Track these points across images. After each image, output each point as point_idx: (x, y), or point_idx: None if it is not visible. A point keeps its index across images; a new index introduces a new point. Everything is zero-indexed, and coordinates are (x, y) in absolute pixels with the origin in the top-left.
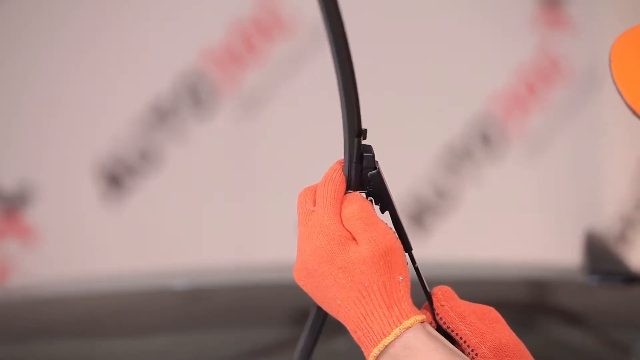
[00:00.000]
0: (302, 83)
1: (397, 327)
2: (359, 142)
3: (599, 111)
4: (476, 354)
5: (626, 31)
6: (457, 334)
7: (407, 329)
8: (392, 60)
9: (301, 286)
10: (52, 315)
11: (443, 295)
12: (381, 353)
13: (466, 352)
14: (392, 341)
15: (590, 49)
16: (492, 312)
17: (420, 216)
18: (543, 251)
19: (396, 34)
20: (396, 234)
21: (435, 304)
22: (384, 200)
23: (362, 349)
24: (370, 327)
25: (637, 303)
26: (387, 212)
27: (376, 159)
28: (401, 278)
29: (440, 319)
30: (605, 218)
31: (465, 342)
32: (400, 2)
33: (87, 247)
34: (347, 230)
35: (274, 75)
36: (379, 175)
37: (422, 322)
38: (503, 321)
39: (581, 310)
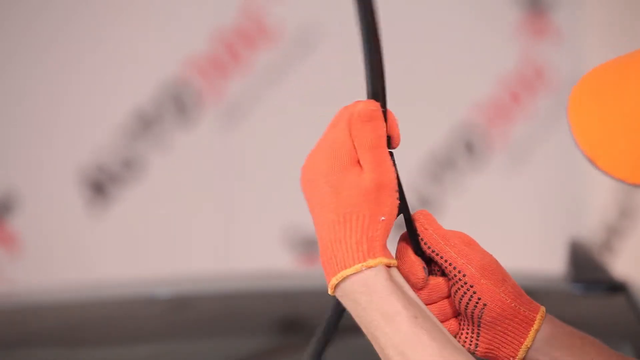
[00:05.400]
0: (285, 91)
1: (360, 263)
2: None
3: None
4: (464, 275)
5: (582, 77)
6: (441, 257)
7: (369, 267)
8: None
9: (301, 187)
10: (35, 323)
11: (425, 219)
12: (339, 283)
13: (452, 274)
14: (351, 275)
15: (575, 58)
16: (465, 235)
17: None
18: (527, 260)
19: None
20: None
21: (420, 229)
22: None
23: (325, 275)
24: (334, 255)
25: (621, 312)
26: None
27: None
28: (383, 218)
29: (425, 243)
30: (589, 227)
31: (450, 264)
32: (384, 10)
33: (71, 256)
34: (355, 152)
35: (257, 83)
36: (394, 163)
37: (389, 267)
38: (476, 242)
39: (564, 318)
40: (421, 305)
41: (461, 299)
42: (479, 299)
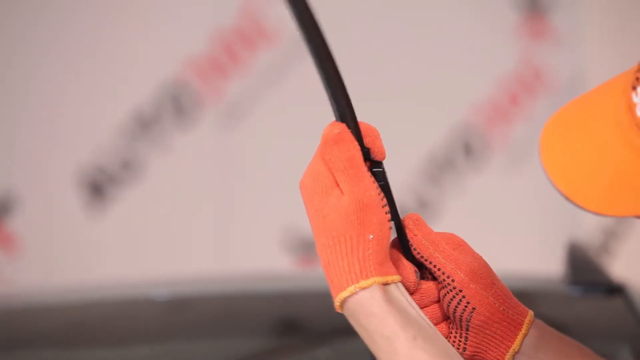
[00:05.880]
0: (284, 92)
1: (353, 284)
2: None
3: None
4: (452, 280)
5: (554, 114)
6: (430, 263)
7: (363, 288)
8: (373, 70)
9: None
10: (34, 324)
11: (415, 225)
12: (342, 304)
13: (441, 279)
14: (347, 297)
15: (573, 59)
16: (456, 237)
17: None
18: (525, 261)
19: (378, 42)
20: (381, 193)
21: (409, 235)
22: (388, 200)
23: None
24: (330, 279)
25: (619, 314)
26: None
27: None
28: (371, 236)
29: (414, 249)
30: (587, 229)
31: (439, 269)
32: (383, 11)
33: (69, 257)
34: (333, 176)
35: (256, 84)
36: (383, 174)
37: (385, 284)
38: (466, 244)
39: (563, 320)
40: (422, 322)
41: (450, 303)
42: (468, 302)
